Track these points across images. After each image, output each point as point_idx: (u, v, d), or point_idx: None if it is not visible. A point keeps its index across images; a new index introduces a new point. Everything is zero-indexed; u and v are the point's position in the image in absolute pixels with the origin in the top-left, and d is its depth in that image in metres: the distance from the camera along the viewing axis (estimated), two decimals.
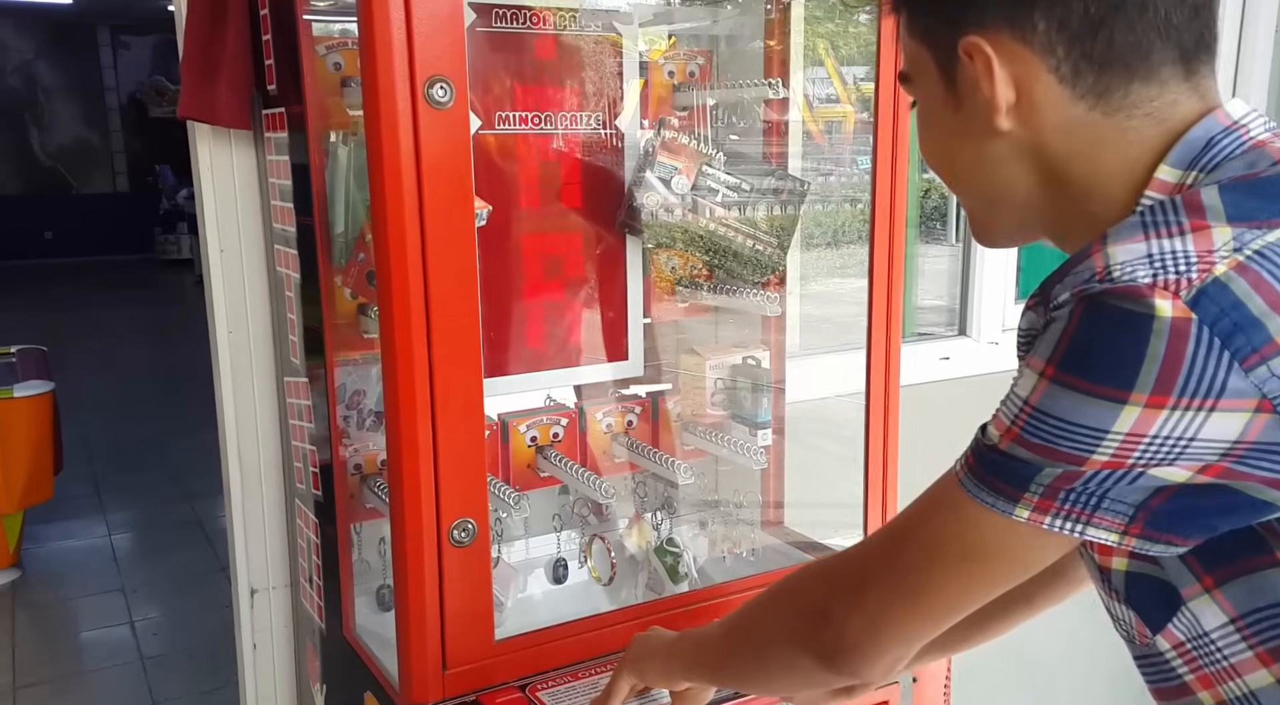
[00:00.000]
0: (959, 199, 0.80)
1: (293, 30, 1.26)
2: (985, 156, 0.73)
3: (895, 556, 0.73)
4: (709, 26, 1.61)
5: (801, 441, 1.65)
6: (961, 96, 0.72)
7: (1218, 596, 0.65)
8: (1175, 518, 0.61)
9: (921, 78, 0.75)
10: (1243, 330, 0.57)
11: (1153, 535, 0.62)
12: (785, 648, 0.81)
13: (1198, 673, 0.68)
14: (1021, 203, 0.74)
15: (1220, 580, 0.65)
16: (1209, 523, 0.62)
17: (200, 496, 4.27)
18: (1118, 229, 0.63)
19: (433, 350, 1.05)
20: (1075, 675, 2.40)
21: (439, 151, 1.01)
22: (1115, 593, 0.71)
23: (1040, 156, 0.71)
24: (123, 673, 3.03)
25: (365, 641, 1.33)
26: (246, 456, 1.54)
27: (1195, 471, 0.59)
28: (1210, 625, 0.66)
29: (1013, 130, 0.70)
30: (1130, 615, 0.71)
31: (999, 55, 0.68)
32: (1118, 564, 0.70)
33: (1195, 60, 0.68)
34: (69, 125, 11.96)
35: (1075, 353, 0.60)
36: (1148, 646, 0.71)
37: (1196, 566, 0.65)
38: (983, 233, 0.80)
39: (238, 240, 1.49)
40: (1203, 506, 0.61)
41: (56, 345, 4.20)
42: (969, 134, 0.72)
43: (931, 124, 0.76)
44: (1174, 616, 0.67)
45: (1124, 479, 0.60)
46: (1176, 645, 0.69)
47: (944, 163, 0.77)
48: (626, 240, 1.49)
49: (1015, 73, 0.68)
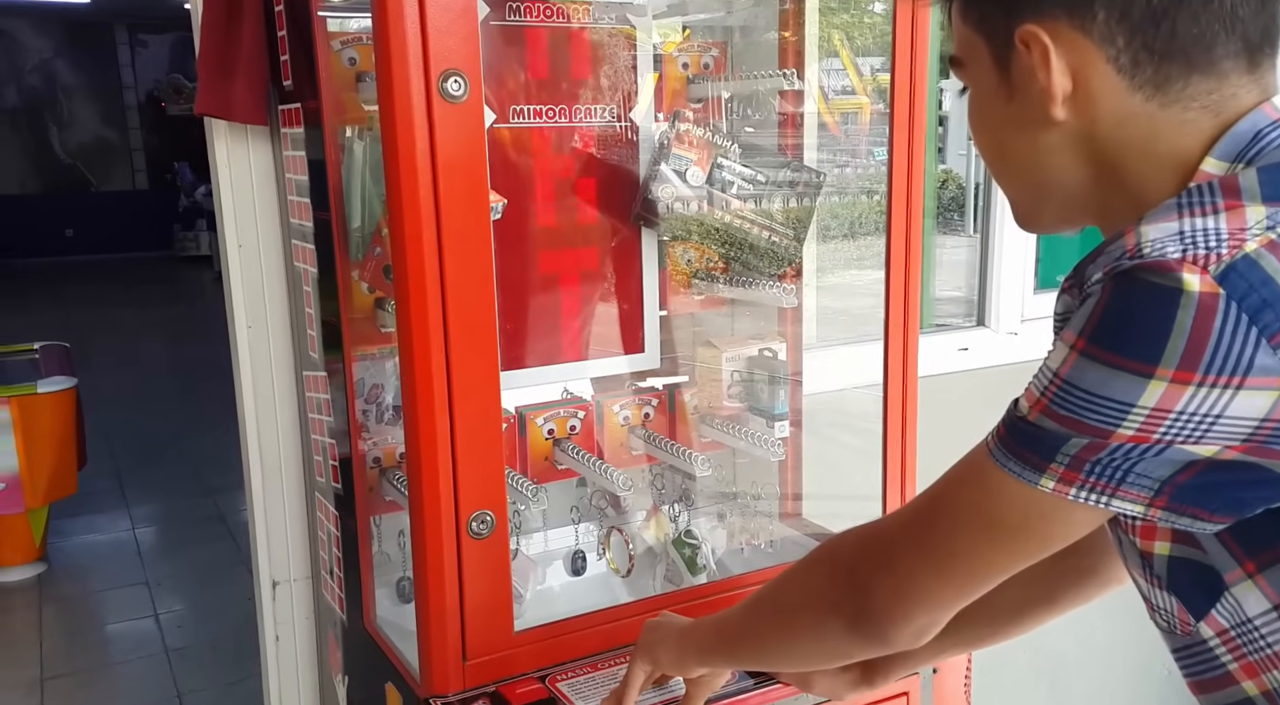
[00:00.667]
0: (1003, 185, 0.79)
1: (308, 26, 1.27)
2: (1037, 146, 0.72)
3: (925, 522, 0.73)
4: (723, 18, 1.60)
5: (819, 433, 1.65)
6: (1015, 85, 0.71)
7: (1260, 582, 0.65)
8: (1201, 492, 0.61)
9: (974, 64, 0.74)
10: (1271, 306, 0.56)
11: (1178, 508, 0.62)
12: (814, 610, 0.81)
13: (1242, 661, 0.68)
14: (1071, 192, 0.73)
15: (1262, 565, 0.64)
16: (1236, 498, 0.62)
17: (222, 490, 4.31)
18: (1154, 211, 0.63)
19: (450, 344, 1.05)
20: (1093, 671, 2.39)
21: (454, 146, 1.02)
22: (1157, 579, 0.71)
23: (1093, 147, 0.70)
24: (148, 665, 3.07)
25: (386, 633, 1.34)
26: (267, 450, 1.56)
27: (1223, 448, 0.59)
28: (1253, 611, 0.66)
29: (1067, 120, 0.70)
30: (1172, 602, 0.70)
31: (1056, 44, 0.67)
32: (1160, 548, 0.69)
33: (1260, 53, 0.67)
34: (88, 123, 12.07)
35: (1104, 326, 0.60)
36: (1190, 636, 0.70)
37: (1237, 550, 0.65)
38: (1027, 219, 0.80)
39: (256, 236, 1.50)
40: (1229, 482, 0.61)
41: (78, 342, 4.25)
42: (1021, 123, 0.72)
43: (983, 111, 0.76)
44: (1217, 602, 0.67)
45: (1149, 453, 0.60)
46: (1220, 632, 0.68)
47: (993, 149, 0.77)
48: (642, 233, 1.49)
49: (1072, 62, 0.68)
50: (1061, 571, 0.95)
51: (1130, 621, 0.95)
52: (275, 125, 1.44)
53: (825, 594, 0.80)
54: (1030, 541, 0.68)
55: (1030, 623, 0.99)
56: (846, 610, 0.77)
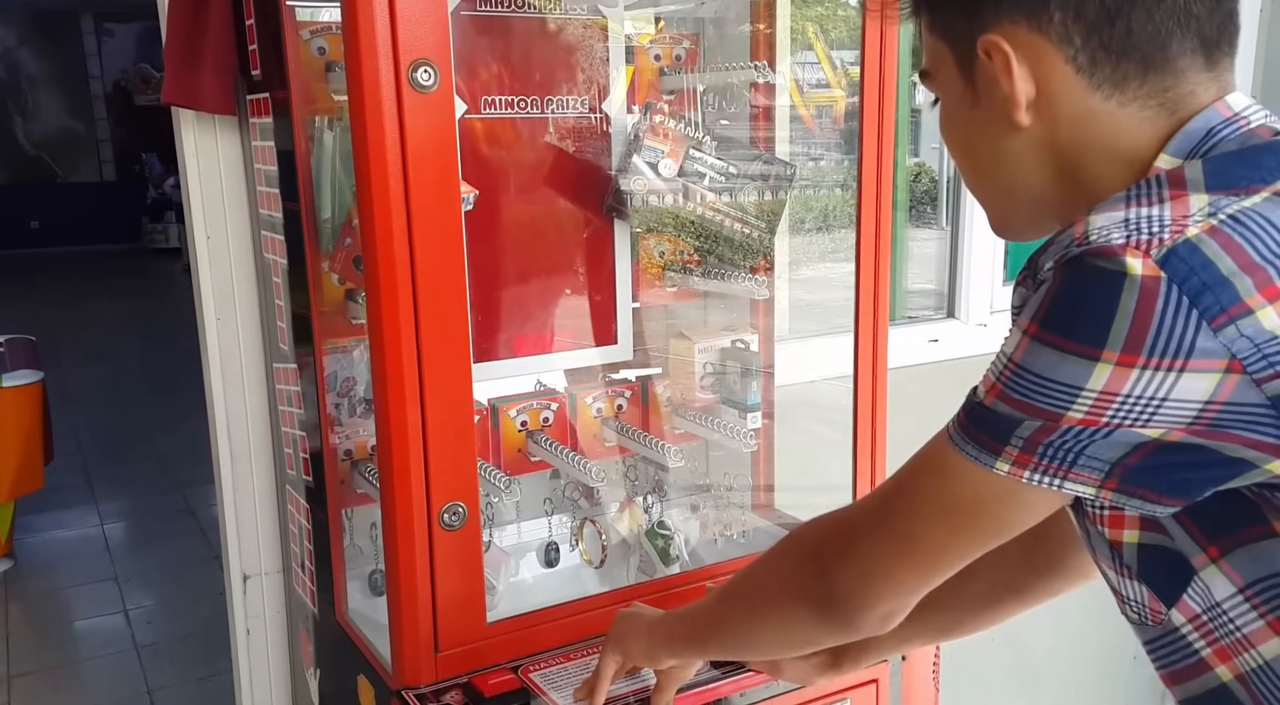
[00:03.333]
0: (976, 193, 0.80)
1: (276, 15, 1.26)
2: (1005, 151, 0.73)
3: (887, 508, 0.75)
4: (696, 10, 1.60)
5: (791, 425, 1.66)
6: (980, 92, 0.73)
7: (1224, 566, 0.66)
8: (1150, 474, 0.62)
9: (941, 74, 0.76)
10: (1211, 289, 0.57)
11: (1128, 490, 0.63)
12: (782, 597, 0.82)
13: (1214, 646, 0.68)
14: (1038, 196, 0.75)
15: (1224, 550, 0.66)
16: (1184, 479, 0.63)
17: (191, 484, 4.26)
18: (1104, 203, 0.64)
19: (421, 335, 1.05)
20: (1062, 659, 2.42)
21: (424, 136, 1.01)
22: (1127, 569, 0.72)
23: (1057, 149, 0.71)
24: (117, 661, 3.03)
25: (358, 626, 1.33)
26: (237, 444, 1.54)
27: (1169, 430, 0.60)
28: (1221, 595, 0.67)
29: (1032, 125, 0.71)
30: (1143, 591, 0.71)
31: (1017, 50, 0.69)
32: (1129, 537, 0.70)
33: (1217, 50, 0.68)
34: (54, 114, 11.85)
35: (1054, 311, 0.61)
36: (1161, 626, 0.71)
37: (1199, 535, 0.66)
38: (1001, 226, 0.81)
39: (224, 227, 1.49)
40: (1177, 464, 0.62)
41: (45, 335, 4.18)
42: (987, 129, 0.73)
43: (952, 120, 0.77)
44: (1187, 587, 0.68)
45: (1099, 435, 0.61)
46: (1192, 617, 0.69)
47: (964, 157, 0.78)
48: (614, 225, 1.49)
49: (1034, 67, 0.69)
50: (1031, 565, 0.96)
51: (1099, 607, 0.96)
52: (244, 115, 1.43)
53: (792, 582, 0.81)
54: (988, 524, 0.70)
55: (1000, 614, 1.00)
56: (813, 597, 0.78)
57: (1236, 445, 0.60)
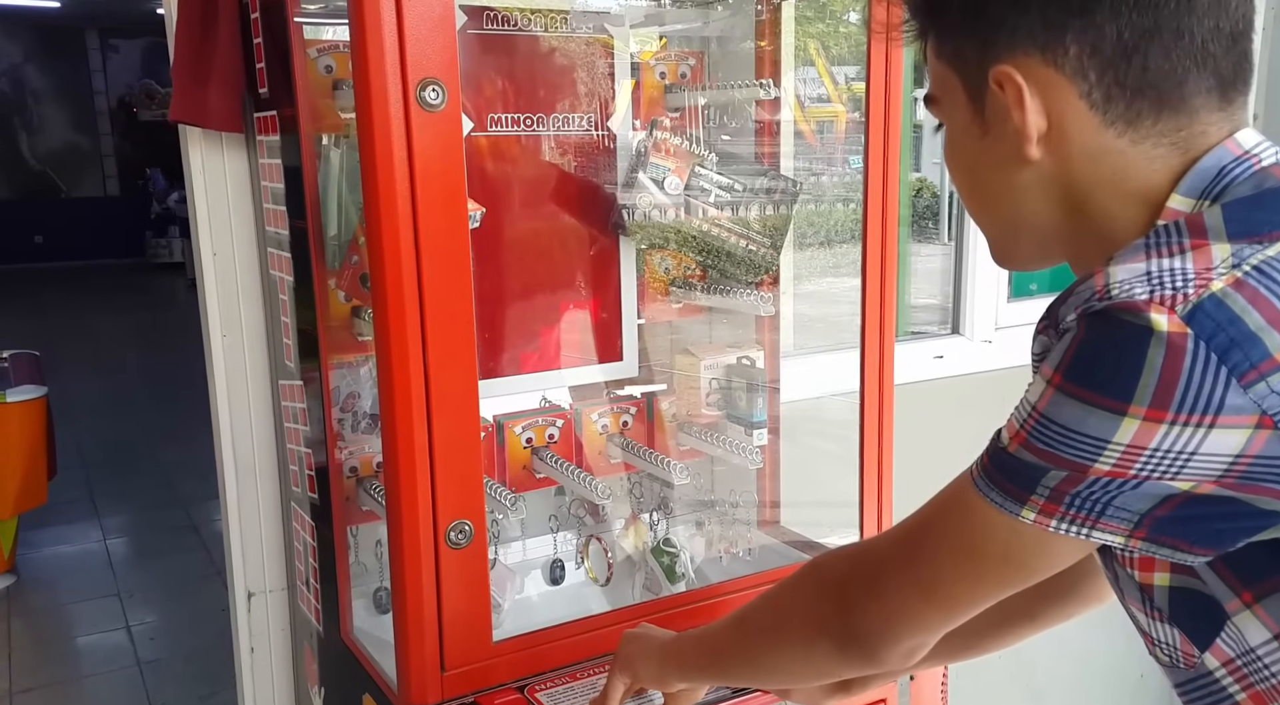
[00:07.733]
0: (979, 222, 0.79)
1: (284, 33, 1.26)
2: (1012, 184, 0.72)
3: (912, 547, 0.74)
4: (700, 28, 1.61)
5: (797, 441, 1.65)
6: (989, 123, 0.71)
7: (1259, 612, 0.65)
8: (1181, 525, 0.62)
9: (948, 102, 0.74)
10: (1239, 346, 0.57)
11: (1158, 540, 0.63)
12: (804, 630, 0.81)
13: (1249, 690, 0.67)
14: (1044, 229, 0.73)
15: (1259, 596, 0.64)
16: (1215, 530, 0.62)
17: (195, 500, 4.26)
18: (1122, 252, 0.63)
19: (427, 353, 1.05)
20: (1069, 674, 2.41)
21: (431, 154, 1.01)
22: (1158, 612, 0.70)
23: (1066, 184, 0.70)
24: (120, 678, 3.02)
25: (363, 644, 1.33)
26: (242, 460, 1.54)
27: (1199, 483, 0.59)
28: (1255, 641, 0.65)
29: (1041, 159, 0.70)
30: (1175, 635, 0.70)
31: (1030, 83, 0.67)
32: (1160, 580, 0.69)
33: (1232, 89, 0.67)
34: (58, 129, 11.92)
35: (1079, 363, 0.60)
36: (1194, 669, 0.70)
37: (1233, 581, 0.65)
38: (1003, 256, 0.79)
39: (230, 244, 1.49)
40: (1207, 515, 0.61)
41: (49, 350, 4.19)
42: (995, 160, 0.72)
43: (957, 148, 0.76)
44: (1221, 631, 0.67)
45: (1127, 487, 0.60)
46: (1226, 662, 0.68)
47: (968, 187, 0.77)
48: (620, 241, 1.50)
49: (1046, 101, 0.68)
50: (1044, 591, 0.95)
51: (1105, 626, 0.95)
52: (251, 132, 1.44)
53: (815, 615, 0.80)
54: (1013, 571, 0.69)
55: (1011, 638, 1.00)
56: (835, 631, 0.77)
57: (1269, 498, 0.59)
